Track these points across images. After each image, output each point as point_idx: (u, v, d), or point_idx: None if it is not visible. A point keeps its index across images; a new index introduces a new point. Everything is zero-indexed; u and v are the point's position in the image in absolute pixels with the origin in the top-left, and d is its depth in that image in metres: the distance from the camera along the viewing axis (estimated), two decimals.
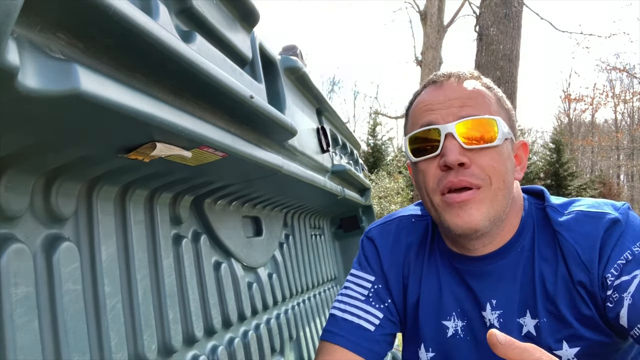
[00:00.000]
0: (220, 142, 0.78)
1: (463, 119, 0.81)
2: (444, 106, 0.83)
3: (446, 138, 0.80)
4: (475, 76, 0.88)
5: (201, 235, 1.08)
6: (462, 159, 0.79)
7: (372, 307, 0.96)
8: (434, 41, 12.21)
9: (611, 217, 0.81)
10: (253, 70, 1.07)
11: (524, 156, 0.91)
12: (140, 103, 0.57)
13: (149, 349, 0.84)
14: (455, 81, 0.86)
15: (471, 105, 0.82)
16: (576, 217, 0.84)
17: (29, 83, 0.43)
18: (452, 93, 0.84)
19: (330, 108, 1.79)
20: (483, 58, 5.96)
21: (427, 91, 0.88)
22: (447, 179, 0.80)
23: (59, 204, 0.68)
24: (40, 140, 0.56)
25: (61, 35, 0.48)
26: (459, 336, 0.91)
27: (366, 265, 1.01)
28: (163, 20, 0.63)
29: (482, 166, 0.80)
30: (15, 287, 0.59)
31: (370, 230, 1.05)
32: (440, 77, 0.88)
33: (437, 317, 0.93)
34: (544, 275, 0.84)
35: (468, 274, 0.89)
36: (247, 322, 1.27)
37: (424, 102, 0.87)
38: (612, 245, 0.79)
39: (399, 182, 13.10)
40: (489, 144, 0.81)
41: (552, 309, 0.83)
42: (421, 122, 0.85)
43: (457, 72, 0.88)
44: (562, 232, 0.84)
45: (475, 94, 0.84)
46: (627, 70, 19.57)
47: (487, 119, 0.81)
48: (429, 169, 0.83)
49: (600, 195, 16.09)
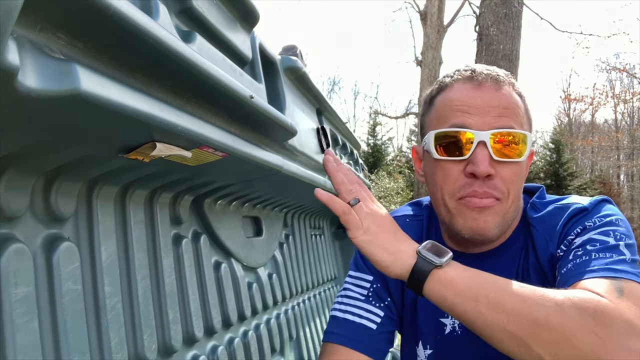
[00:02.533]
0: (220, 142, 0.78)
1: (498, 130, 0.79)
2: (480, 111, 0.80)
3: (478, 146, 0.79)
4: (510, 82, 0.85)
5: (201, 235, 1.08)
6: (490, 171, 0.78)
7: (372, 306, 0.96)
8: (434, 41, 12.21)
9: (578, 206, 0.84)
10: (253, 70, 1.07)
11: (529, 164, 0.91)
12: (140, 103, 0.57)
13: (149, 349, 0.84)
14: (494, 85, 0.82)
15: (507, 117, 0.80)
16: (550, 210, 0.86)
17: (29, 83, 0.43)
18: (490, 99, 0.81)
19: (330, 108, 1.79)
20: (483, 58, 5.96)
21: (463, 88, 0.84)
22: (471, 188, 0.80)
23: (59, 203, 0.68)
24: (40, 140, 0.56)
25: (61, 35, 0.48)
26: (456, 333, 0.92)
27: (363, 266, 1.01)
28: (163, 20, 0.63)
29: (504, 179, 0.80)
30: (15, 287, 0.59)
31: None
32: (479, 75, 0.84)
33: (434, 315, 0.94)
34: (523, 269, 0.87)
35: None
36: (247, 322, 1.27)
37: (459, 101, 0.83)
38: (570, 226, 0.82)
39: (398, 182, 13.10)
40: (516, 159, 0.80)
41: None
42: (453, 121, 0.82)
43: (494, 72, 0.84)
44: (535, 225, 0.86)
45: (512, 105, 0.82)
46: (627, 70, 19.58)
47: (520, 134, 0.80)
48: (452, 171, 0.82)
49: (600, 195, 16.10)
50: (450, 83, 0.86)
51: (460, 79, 0.85)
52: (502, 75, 0.85)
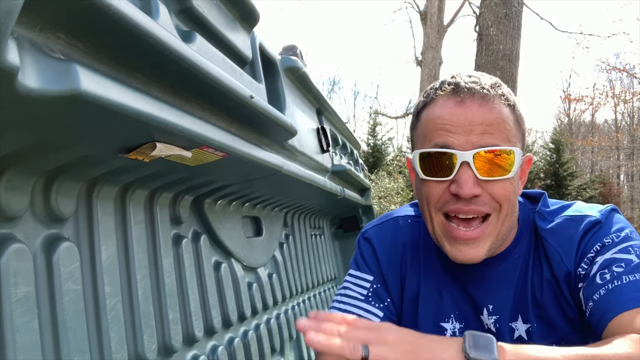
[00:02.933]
0: (220, 142, 0.78)
1: (482, 149, 0.77)
2: (463, 130, 0.78)
3: (461, 166, 0.77)
4: (498, 93, 0.81)
5: (201, 236, 1.08)
6: (475, 192, 0.77)
7: (372, 306, 0.96)
8: (434, 41, 12.21)
9: (592, 219, 0.83)
10: (253, 70, 1.07)
11: (526, 169, 0.90)
12: (140, 103, 0.57)
13: (149, 349, 0.84)
14: (478, 100, 0.79)
15: (492, 133, 0.78)
16: (561, 222, 0.85)
17: (29, 83, 0.43)
18: (473, 116, 0.78)
19: (330, 108, 1.79)
20: (483, 58, 5.96)
21: (446, 104, 0.81)
22: (455, 205, 0.78)
23: (59, 204, 0.68)
24: (40, 140, 0.56)
25: (61, 35, 0.48)
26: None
27: (364, 266, 1.01)
28: (163, 20, 0.63)
29: (493, 194, 0.79)
30: (15, 287, 0.59)
31: (367, 231, 1.04)
32: (463, 90, 0.80)
33: (435, 319, 0.93)
34: (534, 281, 0.86)
35: (466, 279, 0.90)
36: (247, 322, 1.27)
37: (442, 119, 0.80)
38: (587, 242, 0.81)
39: (398, 182, 13.10)
40: (503, 177, 0.79)
41: (542, 314, 0.85)
42: (436, 140, 0.80)
43: (478, 85, 0.81)
44: (547, 237, 0.85)
45: (497, 120, 0.79)
46: (627, 70, 19.55)
47: (506, 150, 0.78)
48: (437, 189, 0.81)
49: (600, 195, 16.09)
50: (434, 97, 0.84)
51: (443, 94, 0.82)
52: (488, 87, 0.81)
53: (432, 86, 0.87)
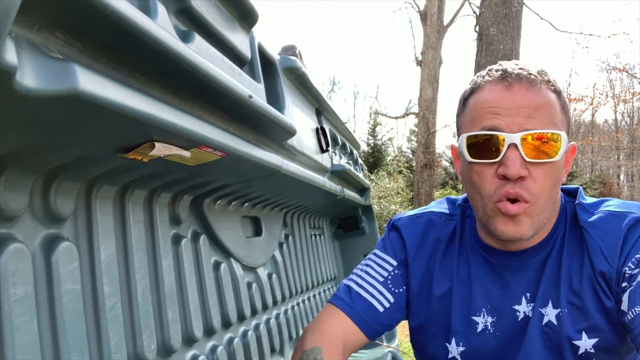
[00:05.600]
0: (219, 142, 0.78)
1: (529, 132, 0.79)
2: (510, 113, 0.80)
3: (509, 148, 0.79)
4: (544, 79, 0.84)
5: (200, 235, 1.08)
6: (522, 173, 0.79)
7: (387, 290, 0.99)
8: (434, 41, 12.21)
9: (635, 216, 0.85)
10: (252, 70, 1.07)
11: (570, 158, 0.91)
12: (139, 103, 0.57)
13: (148, 349, 0.84)
14: (525, 85, 0.81)
15: (537, 118, 0.80)
16: (603, 217, 0.88)
17: (27, 83, 0.43)
18: (521, 99, 0.80)
19: (330, 108, 1.79)
20: (483, 58, 5.96)
21: (494, 89, 0.83)
22: (504, 189, 0.80)
23: (58, 203, 0.68)
24: (38, 140, 0.56)
25: (59, 34, 0.48)
26: (488, 331, 0.94)
27: (390, 249, 1.03)
28: (161, 20, 0.63)
29: (537, 180, 0.80)
30: (14, 287, 0.59)
31: (400, 220, 1.06)
32: (510, 75, 0.83)
33: (467, 313, 0.96)
34: (571, 270, 0.88)
35: (505, 269, 0.92)
36: (246, 322, 1.27)
37: (490, 103, 0.83)
38: (633, 241, 0.83)
39: (398, 182, 13.10)
40: (549, 160, 0.80)
41: (576, 301, 0.87)
42: (484, 124, 0.82)
43: (525, 71, 0.83)
44: (588, 229, 0.87)
45: (544, 105, 0.81)
46: (627, 70, 19.54)
47: (553, 134, 0.80)
48: (486, 174, 0.83)
49: (600, 195, 16.08)
50: (481, 84, 0.86)
51: (491, 80, 0.85)
52: (535, 73, 0.83)
53: (478, 74, 0.90)
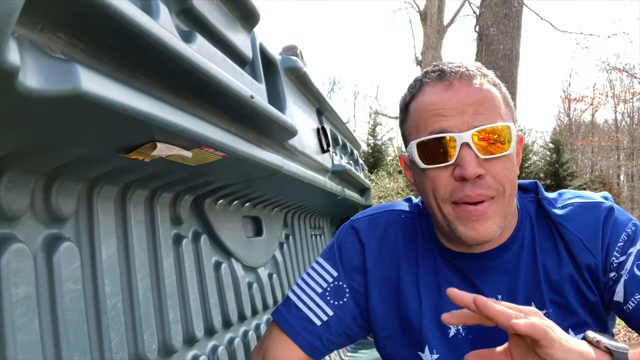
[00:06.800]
0: (221, 142, 0.78)
1: (478, 128, 0.78)
2: (456, 112, 0.79)
3: (462, 148, 0.77)
4: (482, 73, 0.83)
5: (201, 235, 1.08)
6: (479, 171, 0.77)
7: (325, 302, 0.95)
8: (434, 41, 12.21)
9: (606, 205, 0.87)
10: (253, 70, 1.07)
11: (519, 149, 0.90)
12: (141, 103, 0.57)
13: (150, 349, 0.84)
14: (465, 81, 0.81)
15: (484, 113, 0.79)
16: (574, 209, 0.88)
17: (30, 83, 0.43)
18: (464, 97, 0.79)
19: (331, 108, 1.79)
20: (483, 58, 5.95)
21: (435, 90, 0.82)
22: (463, 192, 0.78)
23: (60, 203, 0.68)
24: (40, 140, 0.56)
25: (62, 35, 0.48)
26: (460, 335, 0.91)
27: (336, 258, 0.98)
28: (163, 20, 0.63)
29: (496, 175, 0.79)
30: (15, 287, 0.59)
31: (358, 220, 1.01)
32: (449, 73, 0.81)
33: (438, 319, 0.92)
34: (547, 267, 0.87)
35: (471, 272, 0.89)
36: (247, 322, 1.27)
37: (433, 105, 0.81)
38: (610, 230, 0.85)
39: (398, 182, 13.09)
40: (503, 153, 0.79)
41: (558, 299, 0.86)
42: (431, 127, 0.80)
43: (463, 67, 0.82)
44: (564, 223, 0.87)
45: (487, 99, 0.80)
46: (627, 70, 19.53)
47: (502, 127, 0.79)
48: (441, 177, 0.81)
49: None
50: (421, 87, 0.85)
51: (430, 81, 0.83)
52: (472, 68, 0.83)
53: (416, 78, 0.88)
